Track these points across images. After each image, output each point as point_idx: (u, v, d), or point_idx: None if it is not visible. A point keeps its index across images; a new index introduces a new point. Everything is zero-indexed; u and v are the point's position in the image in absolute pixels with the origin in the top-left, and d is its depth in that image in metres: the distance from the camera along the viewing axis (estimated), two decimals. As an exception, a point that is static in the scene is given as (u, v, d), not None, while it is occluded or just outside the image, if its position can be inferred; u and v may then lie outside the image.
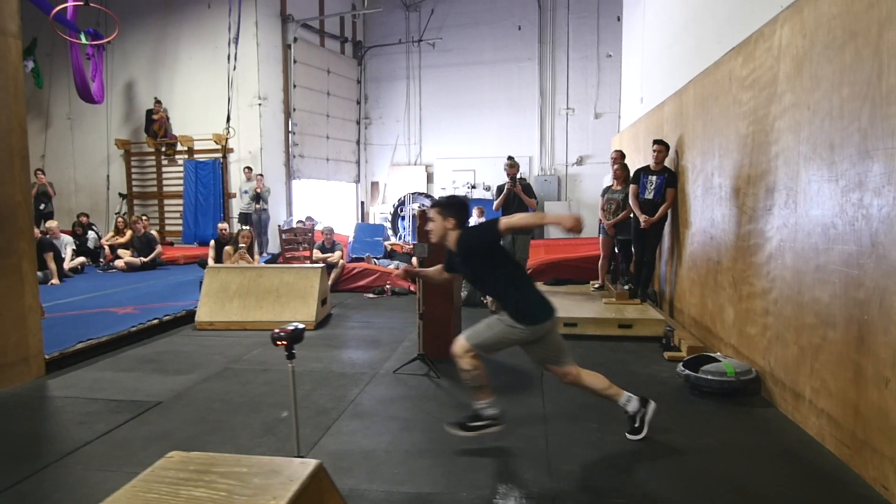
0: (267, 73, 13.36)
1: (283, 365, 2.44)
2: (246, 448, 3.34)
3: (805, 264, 3.58)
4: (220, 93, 12.92)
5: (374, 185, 16.85)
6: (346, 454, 3.26)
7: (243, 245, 8.19)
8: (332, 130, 15.54)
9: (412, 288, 8.83)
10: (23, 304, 4.61)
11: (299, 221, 11.40)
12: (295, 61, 13.93)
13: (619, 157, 7.83)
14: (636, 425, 3.41)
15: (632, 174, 7.20)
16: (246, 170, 12.80)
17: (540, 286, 8.25)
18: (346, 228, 15.23)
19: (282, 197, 13.99)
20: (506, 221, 3.05)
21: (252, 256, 8.19)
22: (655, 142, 6.74)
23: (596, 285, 7.89)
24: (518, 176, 7.68)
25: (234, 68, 12.15)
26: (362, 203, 16.82)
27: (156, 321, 6.20)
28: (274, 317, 6.45)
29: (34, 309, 4.72)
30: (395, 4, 15.52)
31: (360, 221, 16.38)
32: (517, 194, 7.66)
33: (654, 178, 6.68)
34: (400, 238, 14.64)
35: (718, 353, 4.54)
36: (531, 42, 15.08)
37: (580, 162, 14.93)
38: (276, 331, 2.39)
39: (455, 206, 3.32)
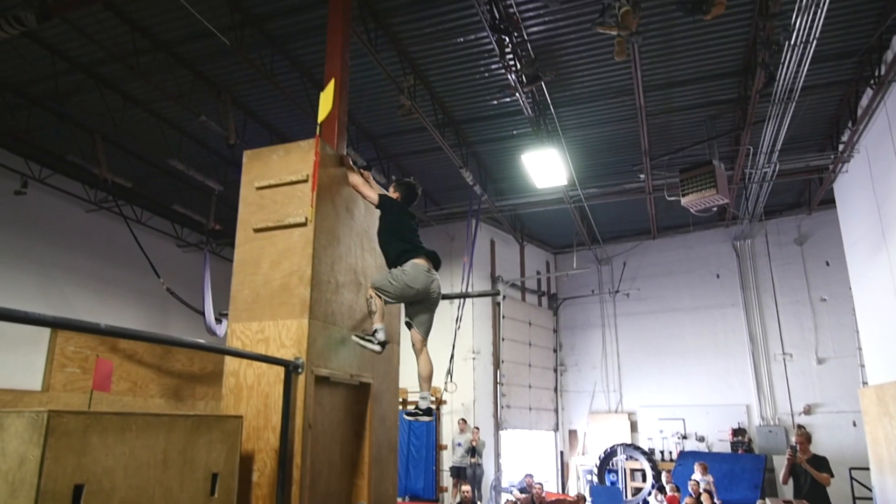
0: (480, 329, 14.33)
1: None
2: None
3: None
4: (432, 349, 13.78)
5: (573, 433, 16.37)
6: None
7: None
8: (534, 379, 15.81)
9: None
10: None
11: (528, 476, 11.12)
12: (503, 317, 14.90)
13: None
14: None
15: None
16: (460, 421, 13.09)
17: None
18: (544, 478, 14.64)
19: (490, 448, 13.92)
20: None
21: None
22: None
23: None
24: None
25: (459, 327, 13.17)
26: (561, 453, 16.23)
27: None
28: None
29: None
30: (587, 259, 16.54)
31: (566, 471, 15.68)
32: (805, 467, 7.06)
33: None
34: (613, 496, 13.65)
35: None
36: (732, 288, 15.11)
37: (808, 411, 13.69)
38: None
39: (406, 186, 4.82)
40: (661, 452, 14.68)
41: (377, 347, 4.37)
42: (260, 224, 4.33)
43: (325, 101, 4.26)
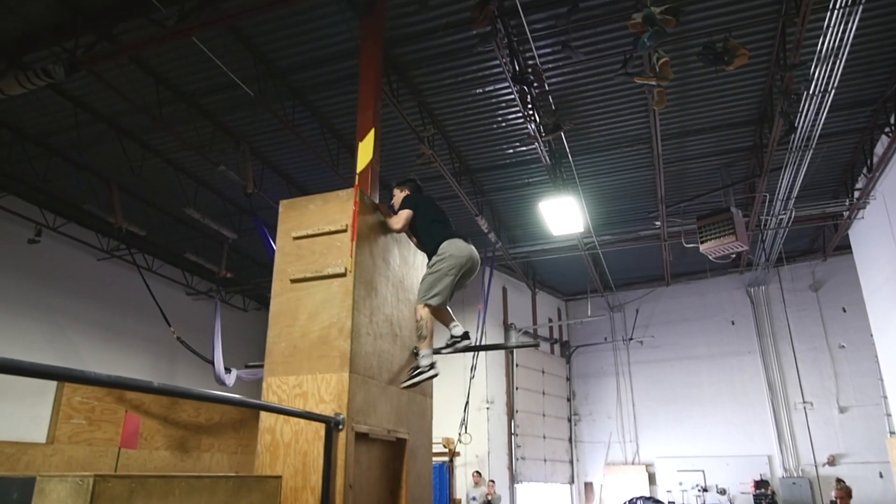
0: (493, 378, 14.07)
1: None
2: None
3: None
4: (446, 399, 13.55)
5: (589, 486, 15.89)
6: None
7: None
8: (548, 430, 15.45)
9: None
10: None
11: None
12: (517, 365, 14.65)
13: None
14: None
15: None
16: (475, 474, 12.69)
17: None
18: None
19: (506, 503, 13.46)
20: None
21: None
22: None
23: None
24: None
25: (473, 377, 12.93)
26: (577, 507, 15.72)
27: None
28: None
29: None
30: (599, 306, 16.37)
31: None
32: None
33: None
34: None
35: None
36: (748, 336, 14.91)
37: (832, 462, 13.29)
38: None
39: (410, 181, 4.84)
40: (682, 506, 14.22)
41: (433, 371, 4.26)
42: (297, 275, 4.24)
43: (365, 152, 4.24)
